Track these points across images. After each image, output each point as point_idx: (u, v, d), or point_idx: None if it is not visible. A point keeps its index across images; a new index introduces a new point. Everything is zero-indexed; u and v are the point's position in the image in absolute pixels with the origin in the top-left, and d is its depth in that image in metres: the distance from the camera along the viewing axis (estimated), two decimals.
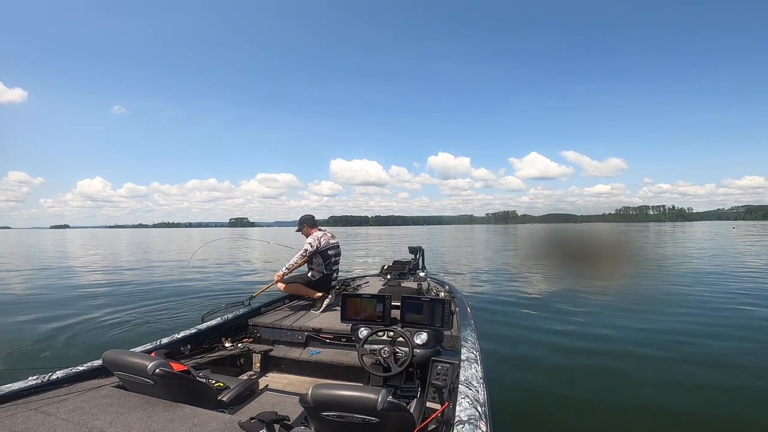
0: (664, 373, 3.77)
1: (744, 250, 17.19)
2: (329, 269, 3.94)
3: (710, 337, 4.78)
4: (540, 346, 4.58)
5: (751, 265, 11.95)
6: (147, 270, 12.64)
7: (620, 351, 4.34)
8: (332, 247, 4.03)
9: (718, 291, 7.76)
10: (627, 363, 4.02)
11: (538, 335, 4.99)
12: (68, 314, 6.23)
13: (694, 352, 4.31)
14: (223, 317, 3.22)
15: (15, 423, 1.54)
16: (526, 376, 3.77)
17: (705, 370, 3.82)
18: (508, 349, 4.46)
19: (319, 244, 3.91)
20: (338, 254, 4.11)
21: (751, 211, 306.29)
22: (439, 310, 2.52)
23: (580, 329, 5.20)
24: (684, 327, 5.19)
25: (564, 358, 4.22)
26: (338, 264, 4.11)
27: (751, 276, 9.62)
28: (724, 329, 5.10)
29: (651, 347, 4.44)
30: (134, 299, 7.50)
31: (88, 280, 10.45)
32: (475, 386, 1.80)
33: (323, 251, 3.93)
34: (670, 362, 4.03)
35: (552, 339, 4.83)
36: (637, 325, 5.27)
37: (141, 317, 6.04)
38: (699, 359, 4.09)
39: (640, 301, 6.67)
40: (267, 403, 2.21)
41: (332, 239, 4.08)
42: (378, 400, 1.42)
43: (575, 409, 3.14)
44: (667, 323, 5.37)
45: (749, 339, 4.71)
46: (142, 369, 1.76)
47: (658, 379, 3.65)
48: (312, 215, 4.18)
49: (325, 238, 4.00)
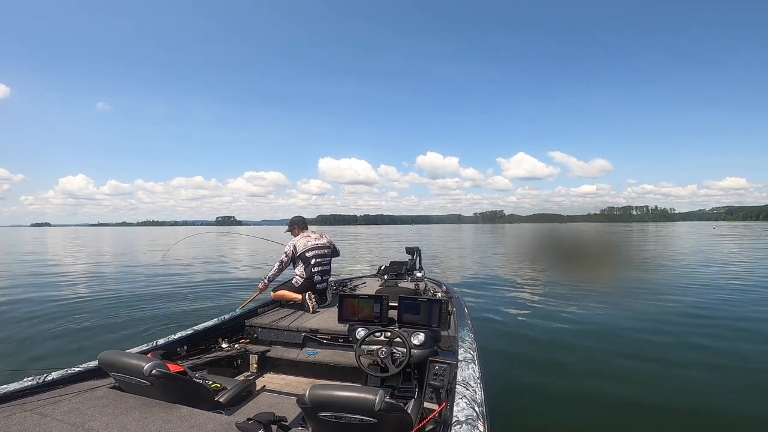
0: (662, 371, 3.80)
1: (724, 249, 18.70)
2: (309, 273, 3.81)
3: (709, 336, 4.82)
4: (538, 347, 4.60)
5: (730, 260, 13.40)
6: (141, 269, 12.58)
7: (618, 350, 4.36)
8: (312, 249, 3.88)
9: (705, 286, 8.21)
10: (625, 362, 4.05)
11: (536, 335, 5.02)
12: (64, 314, 6.19)
13: (693, 351, 4.35)
14: (219, 318, 3.21)
15: (10, 424, 1.53)
16: (524, 376, 3.79)
17: (704, 370, 3.85)
18: (505, 349, 4.48)
19: (295, 251, 3.84)
20: (323, 255, 3.95)
21: (732, 212, 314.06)
22: (436, 310, 2.53)
23: (577, 329, 5.23)
24: (682, 325, 5.23)
25: (562, 358, 4.24)
26: (324, 268, 3.94)
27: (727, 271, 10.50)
28: (715, 327, 5.16)
29: (648, 346, 4.48)
30: (132, 299, 7.46)
31: (81, 280, 10.37)
32: (472, 386, 1.81)
33: (302, 255, 3.84)
34: (667, 361, 4.06)
35: (550, 339, 4.86)
36: (634, 324, 5.31)
37: (137, 318, 6.01)
38: (699, 359, 4.12)
39: (634, 299, 6.72)
40: (264, 404, 2.20)
41: (317, 240, 3.96)
42: (375, 400, 1.42)
43: (574, 409, 3.16)
44: (663, 321, 5.42)
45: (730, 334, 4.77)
46: (138, 370, 1.75)
47: (655, 377, 3.67)
48: (302, 217, 4.13)
49: (304, 241, 3.90)
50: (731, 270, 11.07)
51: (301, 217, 4.14)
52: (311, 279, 3.83)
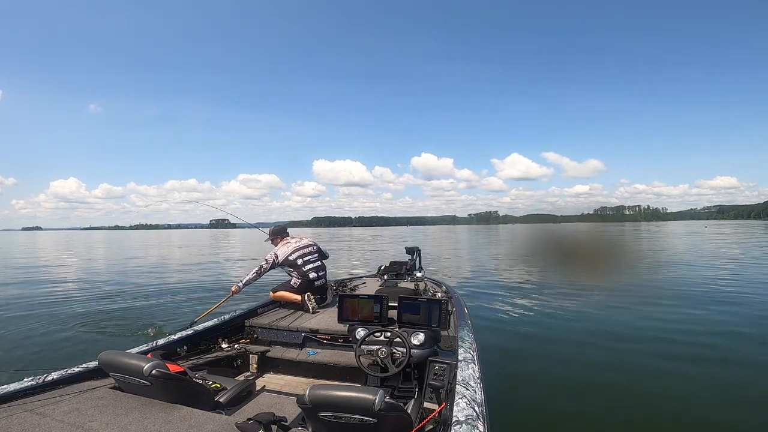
0: (661, 372, 3.79)
1: (716, 245, 19.91)
2: (303, 273, 3.86)
3: (706, 334, 4.82)
4: (538, 347, 4.60)
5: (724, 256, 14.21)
6: (139, 270, 12.57)
7: (618, 350, 4.36)
8: (296, 250, 3.94)
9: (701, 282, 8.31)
10: (626, 362, 4.04)
11: (536, 335, 5.02)
12: (63, 314, 6.19)
13: (691, 349, 4.34)
14: (219, 318, 3.21)
15: (10, 425, 1.53)
16: (524, 376, 3.78)
17: (707, 368, 3.86)
18: (505, 349, 4.47)
19: (276, 259, 3.88)
20: (310, 253, 3.99)
21: (723, 211, 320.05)
22: (436, 310, 2.53)
23: (577, 328, 5.23)
24: (679, 323, 5.23)
25: (563, 358, 4.23)
26: (316, 265, 3.97)
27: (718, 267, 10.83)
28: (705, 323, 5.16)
29: (648, 345, 4.47)
30: (132, 299, 7.46)
31: (79, 281, 10.37)
32: (472, 386, 1.81)
33: (287, 261, 3.89)
34: (668, 361, 4.06)
35: (550, 339, 4.86)
36: (635, 323, 5.31)
37: (137, 318, 6.01)
38: (697, 358, 4.12)
39: (634, 299, 6.71)
40: (264, 404, 2.20)
41: (297, 243, 4.02)
42: (375, 400, 1.43)
43: (573, 409, 3.15)
44: (661, 320, 5.41)
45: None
46: (138, 370, 1.75)
47: (655, 378, 3.66)
48: (282, 226, 4.20)
49: (285, 248, 3.95)
50: (723, 264, 11.75)
51: (281, 227, 4.19)
52: (307, 277, 3.86)
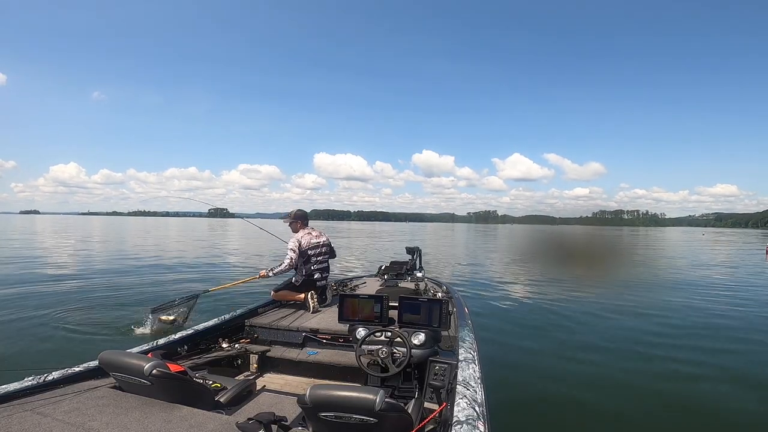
0: (661, 373, 3.80)
1: (711, 252, 20.98)
2: (309, 270, 3.81)
3: (705, 337, 4.82)
4: (538, 347, 4.60)
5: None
6: (139, 265, 12.54)
7: (617, 351, 4.37)
8: (313, 247, 3.87)
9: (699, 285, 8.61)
10: (626, 363, 4.05)
11: (536, 335, 5.02)
12: (62, 314, 6.18)
13: (691, 350, 4.35)
14: (220, 318, 3.21)
15: (11, 424, 1.53)
16: (525, 376, 3.78)
17: (707, 368, 3.87)
18: (505, 349, 4.47)
19: (299, 247, 3.80)
20: (322, 253, 3.93)
21: (721, 219, 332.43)
22: (436, 310, 2.53)
23: (577, 328, 5.23)
24: (678, 327, 5.23)
25: (562, 358, 4.24)
26: (323, 263, 3.93)
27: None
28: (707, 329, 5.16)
29: (648, 347, 4.47)
30: (132, 299, 7.45)
31: (78, 275, 10.33)
32: (473, 386, 1.81)
33: (303, 252, 3.82)
34: (667, 361, 4.06)
35: (550, 339, 4.86)
36: (636, 325, 5.32)
37: (137, 318, 6.00)
38: (697, 357, 4.12)
39: (634, 300, 6.72)
40: (264, 404, 2.20)
41: (316, 238, 3.93)
42: (376, 400, 1.42)
43: (573, 410, 3.15)
44: (661, 323, 5.42)
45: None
46: (138, 370, 1.75)
47: (654, 379, 3.67)
48: (305, 212, 4.02)
49: (308, 238, 3.86)
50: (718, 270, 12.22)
51: (305, 212, 4.02)
52: (311, 276, 3.82)
